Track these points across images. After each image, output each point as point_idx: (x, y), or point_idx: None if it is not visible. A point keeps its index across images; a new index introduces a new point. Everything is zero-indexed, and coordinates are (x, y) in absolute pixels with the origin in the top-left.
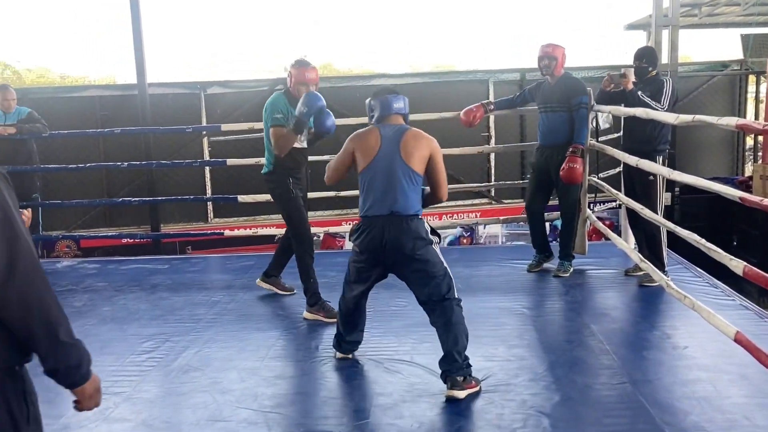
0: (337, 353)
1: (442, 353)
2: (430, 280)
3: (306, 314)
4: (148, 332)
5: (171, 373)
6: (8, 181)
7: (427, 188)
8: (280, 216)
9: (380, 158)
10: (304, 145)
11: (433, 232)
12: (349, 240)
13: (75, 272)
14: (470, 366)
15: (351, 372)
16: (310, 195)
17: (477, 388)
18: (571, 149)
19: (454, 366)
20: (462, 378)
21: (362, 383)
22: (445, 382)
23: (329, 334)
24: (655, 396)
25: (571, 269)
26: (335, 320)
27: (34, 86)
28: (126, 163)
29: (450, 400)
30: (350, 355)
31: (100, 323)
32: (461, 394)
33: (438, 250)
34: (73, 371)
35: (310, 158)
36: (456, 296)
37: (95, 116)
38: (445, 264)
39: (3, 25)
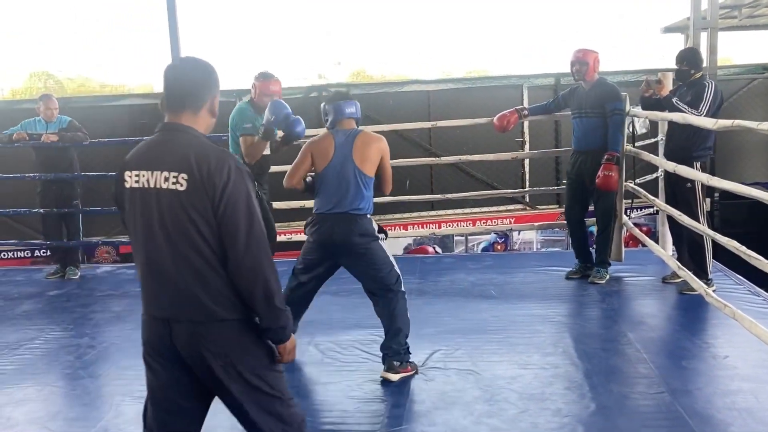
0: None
1: (470, 360)
2: (377, 273)
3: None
4: None
5: None
6: (250, 175)
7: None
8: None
9: (334, 163)
10: (268, 152)
11: (381, 230)
12: (304, 233)
13: (114, 277)
14: (409, 353)
15: (378, 378)
16: None
17: (412, 372)
18: (606, 156)
19: (392, 350)
20: (399, 363)
21: (395, 390)
22: (383, 364)
23: (364, 340)
24: (694, 407)
25: (608, 276)
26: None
27: (74, 95)
28: None
29: (385, 383)
30: None
31: (138, 328)
32: (395, 377)
33: (384, 246)
34: (280, 331)
35: None
36: (402, 289)
37: (134, 124)
38: (392, 259)
39: (46, 36)
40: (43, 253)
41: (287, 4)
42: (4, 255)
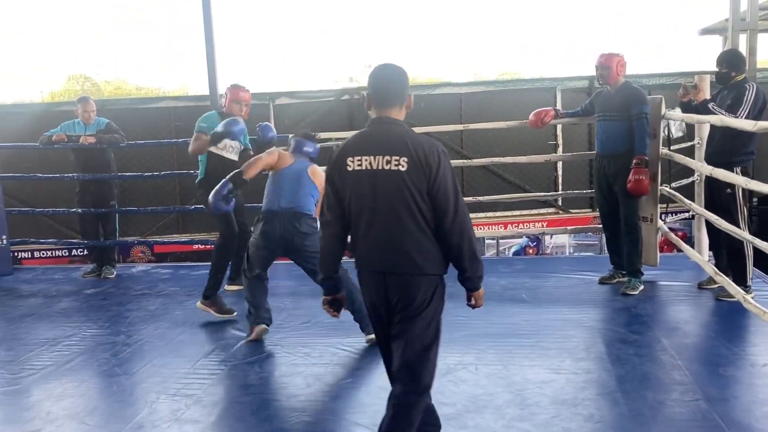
0: (257, 329)
1: (501, 364)
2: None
3: (199, 304)
4: (217, 336)
5: (239, 377)
6: (446, 154)
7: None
8: None
9: (291, 168)
10: (235, 158)
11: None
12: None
13: (149, 276)
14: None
15: None
16: None
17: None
18: (635, 161)
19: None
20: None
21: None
22: None
23: None
24: (731, 415)
25: (641, 287)
26: (226, 316)
27: (111, 98)
28: (198, 171)
29: None
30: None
31: (173, 326)
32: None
33: None
34: (477, 279)
35: None
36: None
37: (169, 126)
38: None
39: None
40: (81, 252)
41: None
42: (43, 254)
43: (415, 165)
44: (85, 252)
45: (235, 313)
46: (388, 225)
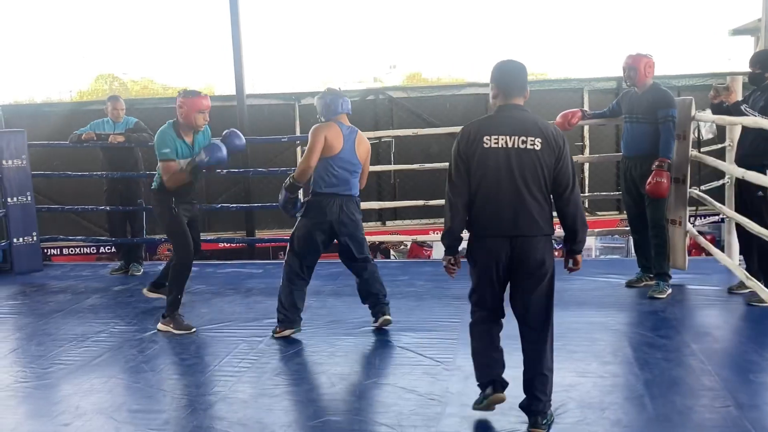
0: (287, 331)
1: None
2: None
3: (159, 326)
4: (243, 334)
5: (264, 375)
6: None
7: None
8: (371, 224)
9: (346, 151)
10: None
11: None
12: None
13: None
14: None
15: (436, 380)
16: (399, 204)
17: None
18: (657, 163)
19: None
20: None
21: (450, 393)
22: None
23: (417, 343)
24: (763, 422)
25: (669, 290)
26: (185, 332)
27: (139, 97)
28: (225, 171)
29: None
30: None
31: (199, 324)
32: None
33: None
34: (582, 243)
35: (402, 166)
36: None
37: None
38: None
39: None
40: (108, 249)
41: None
42: (72, 250)
43: (547, 145)
44: (113, 249)
45: (194, 330)
46: (520, 194)
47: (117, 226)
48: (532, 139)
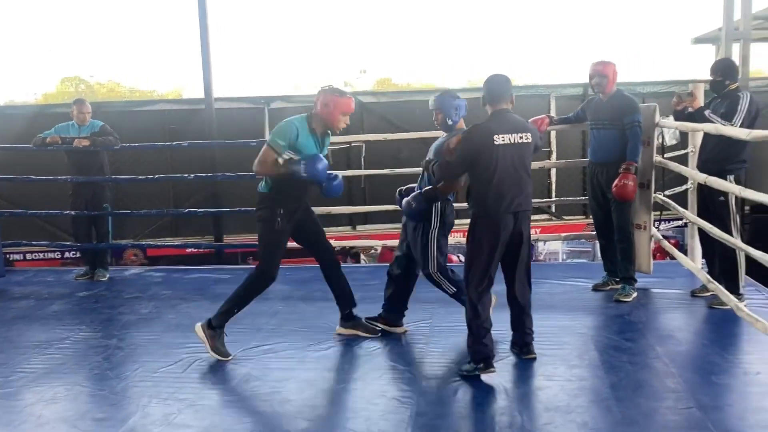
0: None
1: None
2: None
3: (198, 329)
4: None
5: (232, 382)
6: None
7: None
8: (342, 228)
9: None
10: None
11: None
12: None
13: (142, 280)
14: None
15: (405, 384)
16: (369, 208)
17: None
18: (624, 166)
19: None
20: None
21: (420, 397)
22: None
23: (387, 347)
24: (725, 423)
25: (634, 294)
26: (219, 356)
27: (106, 100)
28: (192, 175)
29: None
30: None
31: (166, 331)
32: None
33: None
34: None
35: (373, 171)
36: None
37: (164, 129)
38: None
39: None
40: (73, 254)
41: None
42: (36, 256)
43: (534, 137)
44: (78, 254)
45: (230, 357)
46: (520, 179)
47: (82, 231)
48: (526, 134)
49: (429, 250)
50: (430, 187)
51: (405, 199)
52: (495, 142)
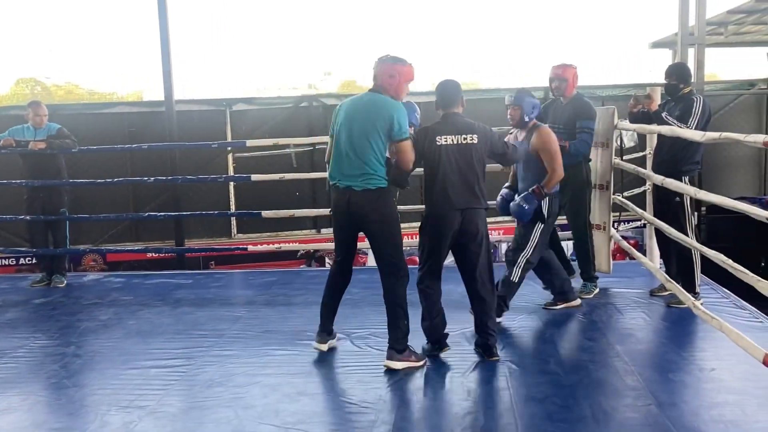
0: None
1: (459, 371)
2: None
3: (394, 364)
4: (171, 347)
5: (194, 388)
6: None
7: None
8: (306, 231)
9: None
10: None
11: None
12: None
13: (101, 286)
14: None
15: (370, 387)
16: (319, 212)
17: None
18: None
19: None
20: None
21: (386, 398)
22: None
23: (351, 351)
24: (681, 419)
25: (596, 290)
26: (417, 364)
27: (63, 102)
28: (152, 179)
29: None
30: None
31: (125, 337)
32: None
33: None
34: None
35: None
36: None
37: (123, 132)
38: None
39: (33, 41)
40: (29, 260)
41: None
42: None
43: (483, 138)
44: (34, 261)
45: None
46: (463, 177)
47: (38, 237)
48: (471, 135)
49: (531, 239)
50: (537, 185)
51: (513, 203)
52: (437, 143)
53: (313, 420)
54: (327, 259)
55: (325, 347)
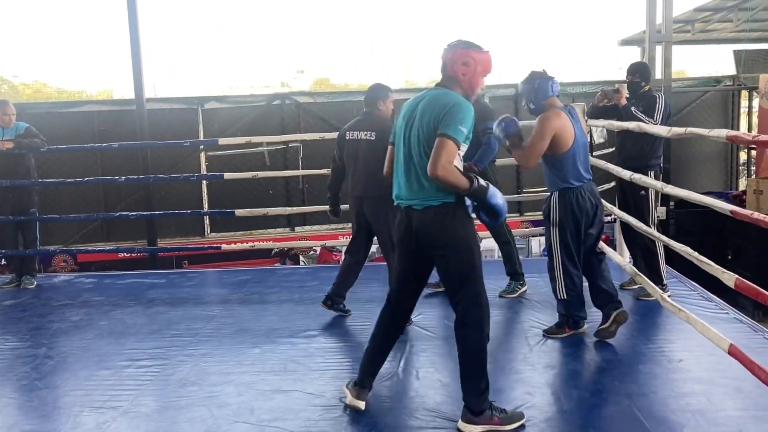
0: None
1: (433, 366)
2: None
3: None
4: (145, 346)
5: (168, 387)
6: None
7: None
8: (280, 230)
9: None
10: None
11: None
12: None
13: (72, 287)
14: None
15: (342, 385)
16: (307, 209)
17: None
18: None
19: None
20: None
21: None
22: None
23: (326, 348)
24: (650, 409)
25: (521, 289)
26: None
27: (31, 101)
28: (123, 178)
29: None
30: None
31: (98, 338)
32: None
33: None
34: None
35: (310, 171)
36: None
37: (93, 131)
38: None
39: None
40: None
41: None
42: None
43: (379, 135)
44: (3, 262)
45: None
46: (366, 169)
47: (7, 237)
48: (370, 132)
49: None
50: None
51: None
52: (346, 138)
53: (288, 417)
54: (301, 257)
55: (362, 405)
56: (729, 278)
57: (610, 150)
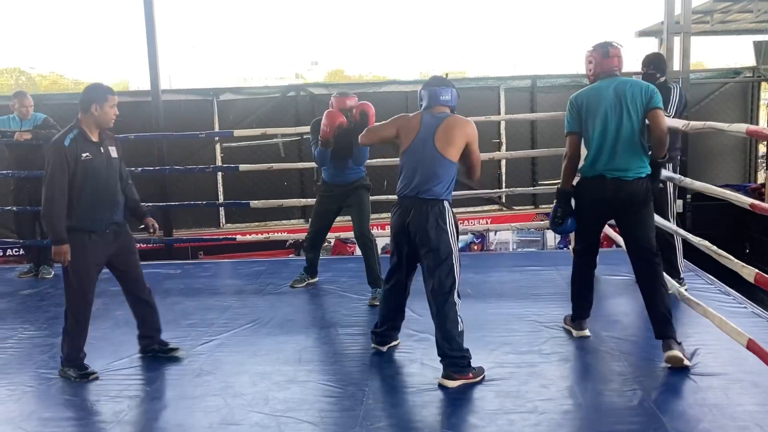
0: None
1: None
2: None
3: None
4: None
5: (184, 377)
6: None
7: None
8: (294, 221)
9: (416, 143)
10: None
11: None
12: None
13: None
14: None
15: (358, 375)
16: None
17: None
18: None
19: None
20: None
21: (370, 387)
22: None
23: (340, 340)
24: (666, 403)
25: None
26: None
27: (48, 92)
28: (140, 169)
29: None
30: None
31: (114, 327)
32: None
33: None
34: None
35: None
36: (456, 295)
37: None
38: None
39: (17, 32)
40: (16, 251)
41: (265, 4)
42: None
43: None
44: (21, 252)
45: None
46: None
47: (25, 227)
48: None
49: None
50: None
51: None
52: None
53: (303, 407)
54: None
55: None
56: (749, 273)
57: None
